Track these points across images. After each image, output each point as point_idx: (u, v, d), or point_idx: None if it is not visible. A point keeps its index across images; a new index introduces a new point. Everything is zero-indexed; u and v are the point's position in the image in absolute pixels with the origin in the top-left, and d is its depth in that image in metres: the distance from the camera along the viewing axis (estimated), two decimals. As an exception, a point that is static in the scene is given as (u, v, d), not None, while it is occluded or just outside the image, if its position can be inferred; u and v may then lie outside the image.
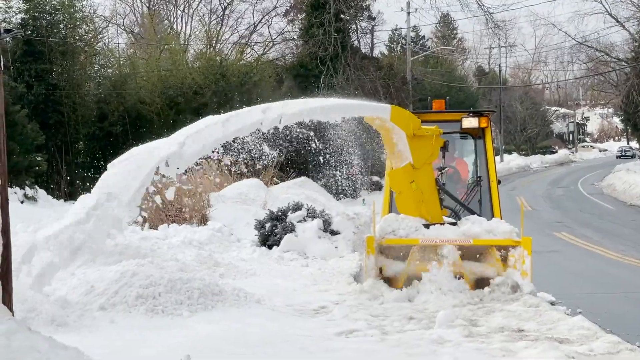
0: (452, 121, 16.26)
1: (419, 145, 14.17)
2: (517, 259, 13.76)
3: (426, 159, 14.44)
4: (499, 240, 14.05)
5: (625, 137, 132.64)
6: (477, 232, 14.12)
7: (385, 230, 14.20)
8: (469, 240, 13.97)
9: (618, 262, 24.81)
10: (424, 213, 14.50)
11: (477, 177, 16.35)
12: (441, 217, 14.86)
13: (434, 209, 14.69)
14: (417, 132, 14.07)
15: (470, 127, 16.09)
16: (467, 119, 16.03)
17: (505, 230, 14.18)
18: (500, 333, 10.54)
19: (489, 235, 14.11)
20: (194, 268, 15.65)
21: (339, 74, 51.85)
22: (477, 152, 16.91)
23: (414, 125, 14.03)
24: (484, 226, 14.30)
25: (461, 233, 14.12)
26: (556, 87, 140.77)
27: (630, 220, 39.59)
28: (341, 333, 10.92)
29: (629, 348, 9.37)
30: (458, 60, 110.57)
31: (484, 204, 16.08)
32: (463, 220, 14.71)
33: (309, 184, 32.45)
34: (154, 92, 45.70)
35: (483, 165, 16.54)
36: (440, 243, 13.84)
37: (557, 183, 70.50)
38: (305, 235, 19.80)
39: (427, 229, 14.23)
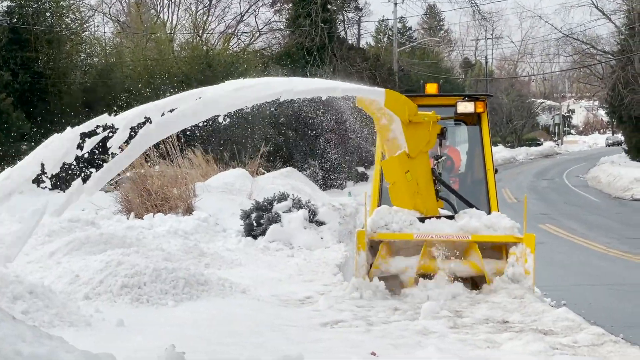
0: (446, 106, 15.40)
1: (415, 133, 13.18)
2: (519, 256, 12.91)
3: (422, 147, 13.40)
4: (499, 237, 13.22)
5: (611, 130, 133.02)
6: (475, 227, 13.18)
7: (378, 224, 13.28)
8: (467, 235, 13.05)
9: (602, 254, 24.95)
10: (419, 205, 13.53)
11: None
12: (437, 209, 13.90)
13: (430, 200, 13.72)
14: (414, 119, 13.09)
15: (465, 112, 15.19)
16: (462, 103, 15.16)
17: (506, 225, 13.26)
18: (485, 324, 10.56)
19: (488, 231, 13.19)
20: (179, 258, 15.62)
21: (326, 64, 51.88)
22: (472, 139, 16.17)
23: (409, 110, 13.02)
24: (484, 221, 13.33)
25: (459, 228, 13.19)
26: (542, 79, 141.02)
27: (614, 213, 39.79)
28: (327, 324, 10.92)
29: (612, 340, 9.41)
30: (444, 52, 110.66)
31: (479, 195, 15.23)
32: (461, 214, 13.67)
33: (295, 174, 32.44)
34: (140, 81, 45.61)
35: (479, 152, 15.62)
36: (437, 238, 13.03)
37: (542, 175, 70.75)
38: (291, 226, 19.78)
39: (422, 223, 13.27)
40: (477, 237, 13.07)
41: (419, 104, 13.94)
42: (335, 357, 6.71)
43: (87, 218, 19.10)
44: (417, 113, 13.16)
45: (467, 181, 16.04)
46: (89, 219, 19.09)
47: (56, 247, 15.38)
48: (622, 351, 8.89)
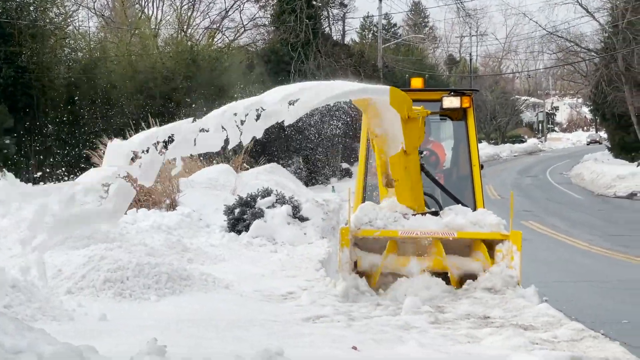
0: (432, 100, 15.09)
1: (410, 128, 12.85)
2: (505, 254, 12.76)
3: (416, 143, 13.15)
4: (485, 234, 13.00)
5: (594, 127, 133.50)
6: (461, 224, 12.97)
7: (361, 220, 13.07)
8: (452, 232, 12.84)
9: (585, 251, 25.04)
10: (412, 202, 13.34)
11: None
12: (424, 206, 13.74)
13: (419, 197, 13.56)
14: (411, 114, 12.78)
15: (451, 106, 14.97)
16: (448, 98, 14.94)
17: (492, 222, 13.08)
18: (466, 320, 10.63)
19: (474, 228, 12.97)
20: (162, 253, 15.63)
21: (310, 60, 51.88)
22: (457, 134, 15.93)
23: (408, 106, 12.71)
24: (469, 217, 13.13)
25: (444, 225, 12.98)
26: (526, 76, 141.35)
27: (597, 210, 39.92)
28: (309, 319, 10.97)
29: (592, 335, 9.49)
30: (429, 49, 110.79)
31: (465, 191, 14.95)
32: (446, 210, 13.48)
33: (279, 170, 32.48)
34: (124, 77, 45.51)
35: (464, 148, 15.45)
36: (422, 235, 12.83)
37: (526, 172, 70.96)
38: (274, 221, 19.82)
39: (407, 220, 13.06)
40: (462, 234, 12.89)
41: None
42: (316, 351, 6.74)
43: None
44: (412, 108, 12.90)
45: (452, 177, 15.78)
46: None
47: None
48: (600, 346, 8.97)
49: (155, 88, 44.73)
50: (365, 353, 7.66)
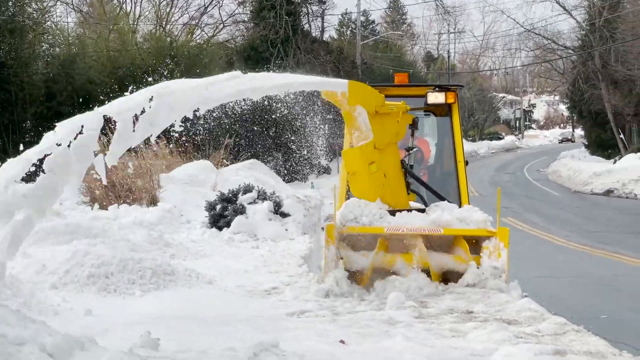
0: (416, 96, 14.93)
1: (383, 124, 12.69)
2: (492, 251, 12.59)
3: (391, 139, 12.96)
4: (472, 230, 12.82)
5: (571, 125, 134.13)
6: (448, 221, 12.75)
7: (347, 217, 12.81)
8: (439, 229, 12.66)
9: (563, 247, 25.27)
10: (388, 198, 13.05)
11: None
12: (407, 202, 13.48)
13: (399, 193, 13.30)
14: (380, 110, 12.66)
15: (436, 102, 14.79)
16: (432, 93, 14.71)
17: (478, 219, 12.89)
18: (449, 314, 10.72)
19: (460, 224, 12.76)
20: (145, 248, 15.67)
21: (290, 57, 51.96)
22: (441, 130, 15.87)
23: (376, 101, 12.60)
24: (456, 214, 12.91)
25: (431, 221, 12.76)
26: (504, 74, 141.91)
27: (574, 207, 40.23)
28: (293, 313, 11.05)
29: (574, 329, 9.61)
30: (407, 46, 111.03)
31: (450, 187, 14.88)
32: (432, 207, 13.25)
33: (259, 166, 32.53)
34: (103, 72, 45.39)
35: (449, 144, 15.29)
36: (408, 232, 12.60)
37: (503, 169, 71.32)
38: (256, 217, 19.88)
39: (393, 216, 12.84)
40: (449, 231, 12.75)
41: (388, 94, 13.69)
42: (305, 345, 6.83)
43: (53, 208, 19.07)
44: (384, 104, 12.79)
45: (436, 173, 15.73)
46: (54, 209, 19.06)
47: (22, 237, 15.37)
48: (583, 340, 9.09)
49: (135, 84, 44.61)
50: (353, 347, 7.75)
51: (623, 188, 46.92)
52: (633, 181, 46.64)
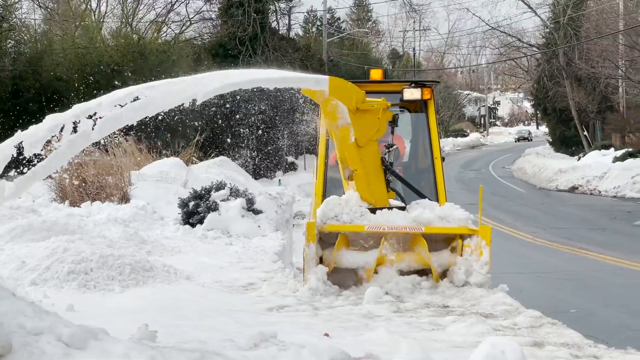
0: (392, 92, 14.63)
1: (363, 121, 12.45)
2: (474, 249, 12.46)
3: (371, 136, 12.68)
4: (453, 229, 12.70)
5: (535, 122, 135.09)
6: (429, 219, 12.55)
7: (327, 215, 12.58)
8: (420, 227, 12.44)
9: (529, 243, 25.65)
10: (369, 196, 12.88)
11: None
12: (387, 200, 13.22)
13: (379, 191, 13.05)
14: (361, 106, 12.38)
15: (412, 98, 14.55)
16: (408, 89, 14.47)
17: (460, 217, 12.73)
18: (427, 309, 10.92)
19: (442, 223, 12.61)
20: (121, 245, 15.82)
21: (258, 54, 52.04)
22: (416, 126, 15.72)
23: (357, 98, 12.30)
24: (437, 212, 12.71)
25: (412, 219, 12.55)
26: (469, 71, 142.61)
27: (540, 203, 40.70)
28: (272, 308, 11.22)
29: (550, 322, 9.86)
30: (373, 43, 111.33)
31: (426, 185, 14.66)
32: (413, 205, 13.05)
33: (228, 163, 32.66)
34: (71, 70, 45.29)
35: (425, 140, 15.14)
36: (389, 230, 12.47)
37: (469, 166, 71.77)
38: (229, 214, 20.02)
39: (373, 214, 12.65)
40: (430, 229, 12.55)
41: (364, 90, 13.19)
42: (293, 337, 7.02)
43: (28, 205, 19.20)
44: (365, 100, 12.54)
45: (411, 170, 15.56)
46: (29, 206, 19.19)
47: (-1, 234, 15.49)
48: (559, 332, 9.35)
49: (103, 81, 44.58)
50: (337, 339, 7.94)
51: (587, 185, 47.48)
52: (597, 178, 47.18)
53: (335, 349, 5.70)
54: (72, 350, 4.89)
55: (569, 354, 8.12)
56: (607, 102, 62.89)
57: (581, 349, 8.49)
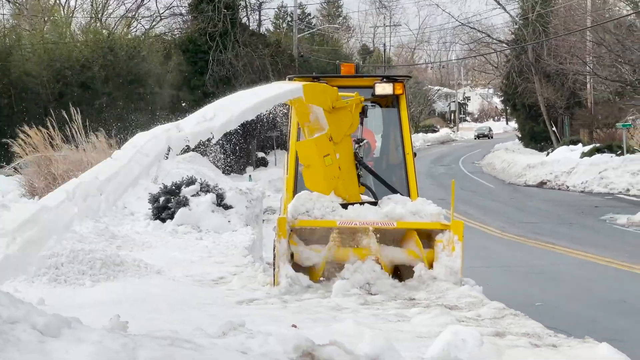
0: (364, 87, 14.56)
1: (338, 117, 12.56)
2: (446, 244, 12.35)
3: (346, 131, 12.84)
4: (425, 224, 12.63)
5: (505, 117, 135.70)
6: (400, 214, 12.53)
7: (299, 210, 12.55)
8: (392, 222, 12.45)
9: (498, 238, 25.87)
10: (341, 191, 12.84)
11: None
12: (359, 195, 13.29)
13: (352, 186, 13.12)
14: (337, 104, 12.51)
15: (384, 93, 14.49)
16: (380, 84, 14.42)
17: (432, 212, 12.72)
18: (393, 301, 11.11)
19: (414, 218, 12.58)
20: (92, 240, 15.93)
21: (228, 50, 52.03)
22: (388, 121, 15.55)
23: (332, 98, 12.44)
24: (409, 207, 12.71)
25: (384, 215, 12.54)
26: (439, 67, 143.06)
27: (509, 198, 41.01)
28: (242, 302, 11.39)
29: (512, 313, 10.12)
30: (343, 39, 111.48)
31: (398, 180, 14.60)
32: (385, 200, 13.03)
33: (199, 159, 32.79)
34: (40, 65, 45.17)
35: (396, 135, 15.05)
36: (361, 225, 12.42)
37: (439, 161, 72.07)
38: (199, 210, 20.14)
39: (345, 209, 12.61)
40: (402, 224, 12.56)
41: (335, 85, 13.48)
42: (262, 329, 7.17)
43: (-4, 201, 19.27)
44: (339, 98, 12.65)
45: (382, 165, 15.40)
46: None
47: (-31, 229, 15.52)
48: (521, 323, 9.60)
49: (72, 76, 44.54)
50: (306, 330, 8.10)
51: (555, 180, 47.85)
52: (565, 173, 47.57)
53: (300, 336, 5.91)
54: (47, 337, 5.07)
55: (528, 343, 8.37)
56: (575, 98, 63.33)
57: (541, 339, 8.73)
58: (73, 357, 4.80)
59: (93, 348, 4.90)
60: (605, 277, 18.63)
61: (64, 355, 4.81)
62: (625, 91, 49.40)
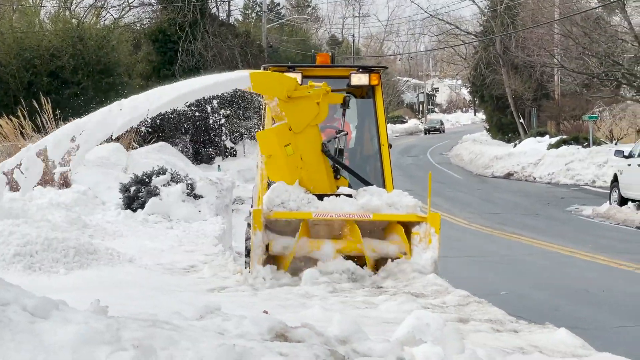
0: (339, 77, 14.59)
1: (297, 107, 12.44)
2: (423, 236, 12.41)
3: (310, 121, 12.65)
4: (402, 216, 12.59)
5: (473, 109, 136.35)
6: (377, 206, 12.49)
7: (274, 202, 12.43)
8: (368, 214, 12.41)
9: (465, 228, 26.21)
10: (306, 182, 12.76)
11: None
12: (330, 187, 13.10)
13: (320, 177, 12.97)
14: (294, 94, 12.38)
15: (360, 84, 14.36)
16: (356, 75, 14.28)
17: (409, 204, 12.68)
18: (361, 289, 11.37)
19: (390, 210, 12.55)
20: (64, 229, 16.08)
21: (198, 40, 52.11)
22: (363, 112, 15.34)
23: (287, 87, 12.29)
24: (385, 199, 12.65)
25: (360, 206, 12.50)
26: (407, 58, 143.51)
27: (476, 189, 41.43)
28: (213, 289, 11.65)
29: (476, 300, 10.43)
30: (312, 29, 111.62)
31: (373, 172, 14.58)
32: (360, 192, 12.94)
33: (168, 149, 32.91)
34: (9, 54, 45.03)
35: (371, 127, 14.96)
36: (336, 217, 12.41)
37: (407, 152, 72.41)
38: (170, 199, 20.30)
39: (321, 201, 12.55)
40: (378, 216, 12.55)
41: (310, 75, 13.63)
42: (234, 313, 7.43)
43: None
44: (297, 87, 12.53)
45: (357, 157, 15.28)
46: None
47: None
48: (484, 310, 9.91)
49: (42, 66, 44.47)
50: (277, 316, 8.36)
51: (522, 171, 48.39)
52: (532, 164, 48.09)
53: (273, 319, 6.21)
54: (37, 318, 5.35)
55: (490, 328, 8.70)
56: (542, 89, 63.87)
57: (503, 324, 9.06)
58: (61, 336, 5.07)
59: (79, 328, 5.16)
60: (569, 267, 18.98)
61: (52, 335, 5.07)
62: (592, 83, 49.87)
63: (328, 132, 13.89)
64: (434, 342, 6.08)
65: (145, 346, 5.01)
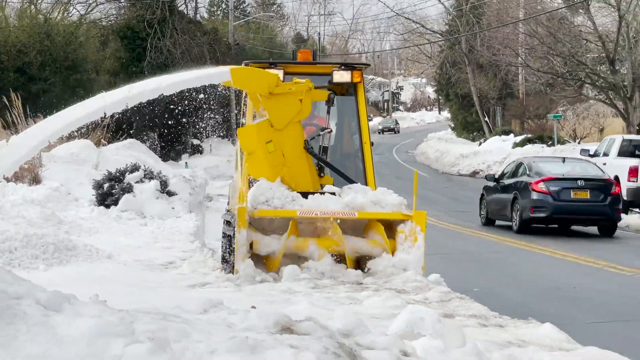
0: (321, 74, 14.49)
1: (280, 104, 12.44)
2: (408, 235, 12.41)
3: (292, 118, 12.66)
4: (387, 214, 12.64)
5: (437, 107, 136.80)
6: (362, 204, 12.53)
7: (258, 199, 12.39)
8: (353, 212, 12.41)
9: (432, 226, 26.18)
10: (288, 179, 12.77)
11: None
12: (312, 184, 13.08)
13: (302, 175, 12.96)
14: (276, 90, 12.36)
15: (342, 81, 14.27)
16: (338, 72, 14.18)
17: (393, 202, 12.75)
18: (342, 285, 11.51)
19: (375, 208, 12.60)
20: (40, 225, 16.09)
21: (166, 37, 51.98)
22: (344, 110, 15.36)
23: (269, 83, 12.27)
24: (370, 197, 12.72)
25: (344, 204, 12.49)
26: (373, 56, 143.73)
27: (442, 187, 41.69)
28: (194, 285, 11.75)
29: (458, 297, 10.64)
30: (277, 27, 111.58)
31: (354, 169, 14.67)
32: (345, 189, 12.92)
33: (138, 145, 32.83)
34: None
35: (353, 124, 15.08)
36: (321, 215, 12.39)
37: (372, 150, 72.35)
38: (143, 196, 20.33)
39: (305, 199, 12.52)
40: (363, 214, 12.53)
41: (292, 72, 13.61)
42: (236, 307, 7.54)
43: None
44: (279, 84, 12.55)
45: (338, 154, 15.18)
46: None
47: None
48: (467, 305, 10.12)
49: (9, 61, 44.24)
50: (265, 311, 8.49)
51: (488, 169, 48.58)
52: (497, 163, 48.38)
53: (279, 313, 6.35)
54: (50, 312, 5.47)
55: (477, 323, 8.91)
56: (507, 88, 64.28)
57: (488, 320, 9.27)
58: (75, 329, 5.18)
59: (93, 321, 5.28)
60: (537, 265, 19.19)
61: (66, 327, 5.19)
62: (556, 83, 50.31)
63: (309, 130, 13.85)
64: (433, 336, 6.26)
65: (159, 338, 5.14)
